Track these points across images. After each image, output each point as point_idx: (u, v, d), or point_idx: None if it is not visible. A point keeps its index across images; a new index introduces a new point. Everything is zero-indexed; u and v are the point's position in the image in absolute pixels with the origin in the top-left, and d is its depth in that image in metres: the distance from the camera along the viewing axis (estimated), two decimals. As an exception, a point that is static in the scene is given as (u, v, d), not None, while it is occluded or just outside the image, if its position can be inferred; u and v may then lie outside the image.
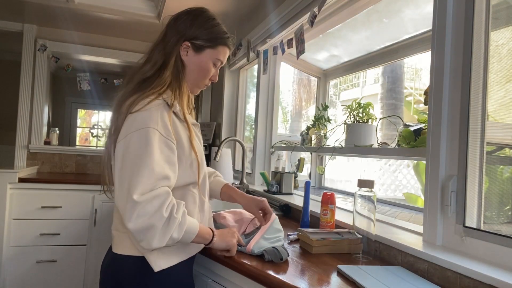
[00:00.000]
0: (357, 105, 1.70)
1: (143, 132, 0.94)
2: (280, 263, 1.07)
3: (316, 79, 2.72)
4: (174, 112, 1.03)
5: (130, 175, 0.91)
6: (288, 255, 1.12)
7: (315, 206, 1.74)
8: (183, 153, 1.03)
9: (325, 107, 2.27)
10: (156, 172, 0.92)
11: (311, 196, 2.09)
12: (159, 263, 0.99)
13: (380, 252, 1.20)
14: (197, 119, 1.31)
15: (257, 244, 1.15)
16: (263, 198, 1.25)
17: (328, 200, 1.41)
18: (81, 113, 6.47)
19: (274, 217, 1.28)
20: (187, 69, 1.11)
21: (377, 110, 5.02)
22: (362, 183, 1.19)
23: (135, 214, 0.88)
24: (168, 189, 0.95)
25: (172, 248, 1.02)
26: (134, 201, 0.88)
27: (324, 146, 1.95)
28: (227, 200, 1.30)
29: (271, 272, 1.00)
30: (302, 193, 2.15)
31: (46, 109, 3.39)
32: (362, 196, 1.19)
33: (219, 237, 1.07)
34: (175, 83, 1.07)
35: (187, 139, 1.05)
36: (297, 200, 1.93)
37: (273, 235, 1.21)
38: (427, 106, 1.16)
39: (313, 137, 2.10)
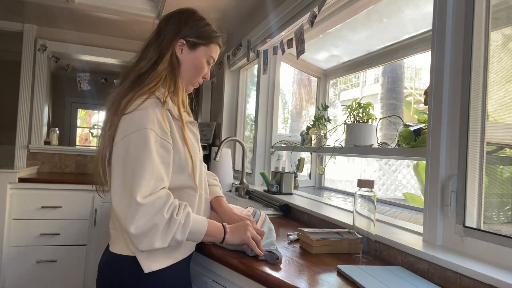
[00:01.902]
0: (357, 105, 1.70)
1: (141, 134, 0.94)
2: (277, 263, 1.06)
3: (316, 79, 2.72)
4: (167, 110, 1.03)
5: (131, 178, 0.91)
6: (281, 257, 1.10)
7: (315, 206, 1.74)
8: (177, 154, 1.03)
9: (325, 107, 2.27)
10: (155, 174, 0.93)
11: (311, 196, 2.09)
12: (150, 264, 0.99)
13: (380, 252, 1.20)
14: (196, 119, 1.32)
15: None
16: (248, 220, 1.15)
17: None
18: (81, 113, 6.47)
19: (265, 216, 1.28)
20: (183, 66, 1.14)
21: (377, 110, 5.03)
22: (362, 183, 1.19)
23: (138, 216, 0.89)
24: (168, 191, 0.96)
25: (163, 250, 1.00)
26: (137, 203, 0.89)
27: (324, 146, 1.96)
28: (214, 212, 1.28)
29: (271, 272, 1.00)
30: (302, 193, 2.16)
31: (46, 109, 3.39)
32: (362, 196, 1.19)
33: (232, 233, 1.06)
34: (170, 79, 1.09)
35: (181, 136, 1.05)
36: (297, 200, 1.93)
37: (266, 238, 1.19)
38: (427, 106, 1.16)
39: (313, 137, 2.10)
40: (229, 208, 1.25)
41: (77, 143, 6.40)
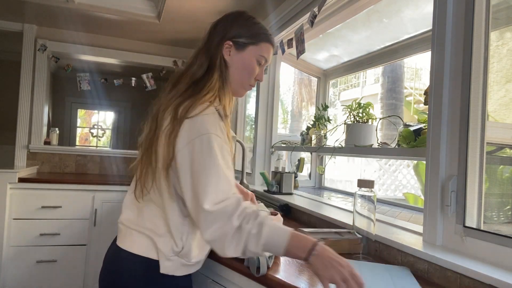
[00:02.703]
0: (357, 105, 1.70)
1: (205, 138, 0.92)
2: (256, 275, 0.99)
3: (316, 79, 2.72)
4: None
5: (197, 185, 0.90)
6: (269, 268, 1.02)
7: (315, 206, 1.74)
8: None
9: (325, 107, 2.27)
10: (222, 178, 0.90)
11: (311, 196, 2.09)
12: (168, 266, 0.99)
13: (380, 252, 1.20)
14: None
15: None
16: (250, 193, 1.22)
17: None
18: (81, 113, 6.47)
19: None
20: (231, 69, 1.08)
21: (377, 110, 5.03)
22: (362, 183, 1.19)
23: (207, 223, 0.87)
24: (238, 197, 0.91)
25: (191, 262, 1.02)
26: (205, 211, 0.87)
27: (324, 146, 1.96)
28: None
29: (271, 272, 1.00)
30: (302, 193, 2.16)
31: (46, 109, 3.39)
32: (362, 196, 1.19)
33: (317, 262, 0.83)
34: (222, 88, 1.06)
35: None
36: (297, 200, 1.93)
37: None
38: (427, 106, 1.16)
39: (313, 137, 2.10)
40: None
41: (77, 143, 6.39)
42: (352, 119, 1.72)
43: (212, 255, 1.14)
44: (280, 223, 0.94)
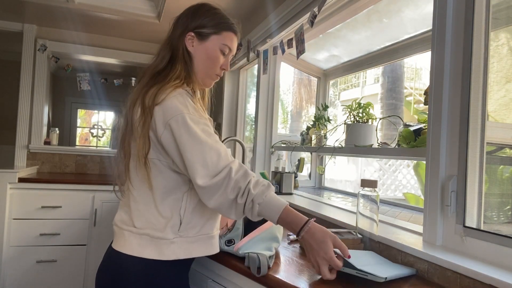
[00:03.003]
0: (357, 105, 1.70)
1: (179, 118, 0.95)
2: (257, 275, 1.00)
3: (316, 79, 2.72)
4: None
5: (187, 163, 0.94)
6: (269, 267, 1.02)
7: (315, 206, 1.74)
8: None
9: (325, 107, 2.27)
10: (207, 152, 0.94)
11: (311, 196, 2.09)
12: (170, 252, 0.99)
13: (380, 252, 1.20)
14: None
15: (245, 245, 1.12)
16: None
17: None
18: (81, 113, 6.47)
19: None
20: (195, 59, 1.10)
21: (377, 110, 5.03)
22: (366, 183, 1.19)
23: (207, 197, 0.94)
24: (230, 167, 0.95)
25: (194, 238, 1.03)
26: (201, 188, 0.93)
27: (324, 146, 1.96)
28: None
29: (271, 272, 1.00)
30: (302, 193, 2.16)
31: (46, 109, 3.39)
32: (365, 196, 1.19)
33: (313, 235, 0.94)
34: (188, 77, 1.08)
35: None
36: (297, 200, 1.93)
37: (267, 242, 1.16)
38: (427, 106, 1.16)
39: (313, 137, 2.10)
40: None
41: (77, 143, 6.40)
42: (352, 119, 1.72)
43: (213, 255, 1.14)
44: (274, 196, 0.98)
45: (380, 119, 1.68)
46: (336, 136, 1.84)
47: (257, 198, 0.94)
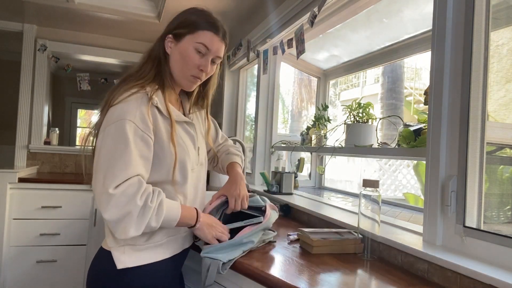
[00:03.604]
0: (357, 105, 1.70)
1: (119, 124, 0.95)
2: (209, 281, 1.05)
3: (316, 79, 2.72)
4: (155, 106, 1.03)
5: (105, 168, 0.93)
6: (221, 273, 1.05)
7: (315, 206, 1.74)
8: (161, 150, 1.03)
9: (325, 107, 2.27)
10: (130, 164, 0.94)
11: (311, 196, 2.09)
12: (124, 261, 1.00)
13: (380, 252, 1.20)
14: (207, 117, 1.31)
15: (209, 249, 1.11)
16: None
17: None
18: (81, 113, 6.47)
19: (270, 214, 1.24)
20: (171, 61, 1.11)
21: (377, 110, 5.03)
22: (368, 183, 1.18)
23: (110, 205, 0.90)
24: (140, 178, 0.96)
25: (143, 246, 1.02)
26: (108, 194, 0.90)
27: (324, 146, 1.96)
28: None
29: (271, 272, 1.00)
30: (302, 193, 2.16)
31: (46, 109, 3.39)
32: (366, 196, 1.18)
33: (202, 227, 1.08)
34: (158, 77, 1.09)
35: (167, 135, 1.04)
36: (297, 200, 1.93)
37: (236, 246, 1.15)
38: (427, 106, 1.16)
39: (313, 137, 2.10)
40: (235, 176, 1.27)
41: (77, 143, 6.39)
42: (352, 119, 1.72)
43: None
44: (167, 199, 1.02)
45: (380, 119, 1.68)
46: (336, 136, 1.84)
47: (164, 200, 0.98)
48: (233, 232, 1.15)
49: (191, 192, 1.14)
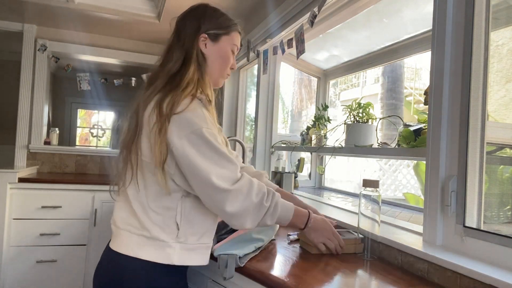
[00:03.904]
0: (357, 105, 1.70)
1: (198, 133, 0.96)
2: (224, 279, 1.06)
3: (316, 79, 2.72)
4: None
5: (211, 170, 0.96)
6: (241, 266, 1.06)
7: (315, 206, 1.73)
8: None
9: (325, 107, 2.27)
10: (232, 161, 1.00)
11: (311, 196, 2.09)
12: (173, 257, 1.00)
13: (380, 252, 1.20)
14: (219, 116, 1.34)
15: (221, 247, 1.14)
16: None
17: None
18: (81, 113, 6.47)
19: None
20: (209, 60, 1.12)
21: (377, 110, 5.03)
22: (368, 183, 1.18)
23: (229, 201, 0.96)
24: (248, 176, 1.02)
25: (194, 245, 1.03)
26: (225, 191, 0.95)
27: (324, 146, 1.96)
28: None
29: (271, 272, 1.00)
30: (302, 193, 2.15)
31: (46, 109, 3.39)
32: (366, 196, 1.18)
33: (309, 231, 1.15)
34: (201, 79, 1.08)
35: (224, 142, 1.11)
36: (297, 200, 1.92)
37: (245, 242, 1.19)
38: (427, 106, 1.16)
39: (313, 137, 2.10)
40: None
41: (77, 143, 6.39)
42: (352, 119, 1.72)
43: (212, 255, 1.14)
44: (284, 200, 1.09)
45: (380, 119, 1.68)
46: (336, 136, 1.84)
47: (279, 201, 1.05)
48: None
49: None
